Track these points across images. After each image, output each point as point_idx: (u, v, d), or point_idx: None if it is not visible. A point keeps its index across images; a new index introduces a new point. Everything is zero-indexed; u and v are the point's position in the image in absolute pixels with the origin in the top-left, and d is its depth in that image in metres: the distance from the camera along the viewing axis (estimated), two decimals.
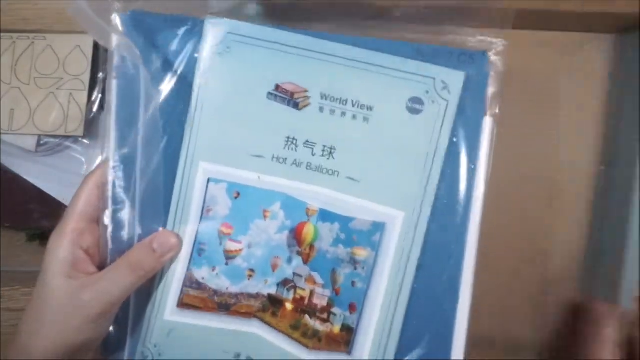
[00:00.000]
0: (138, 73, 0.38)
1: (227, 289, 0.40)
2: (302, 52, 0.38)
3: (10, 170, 0.50)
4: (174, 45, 0.39)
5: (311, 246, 0.39)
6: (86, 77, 0.50)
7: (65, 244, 0.36)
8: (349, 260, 0.39)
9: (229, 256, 0.40)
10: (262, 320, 0.40)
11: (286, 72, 0.38)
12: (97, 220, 0.38)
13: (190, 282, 0.39)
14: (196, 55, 0.39)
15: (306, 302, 0.40)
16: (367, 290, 0.39)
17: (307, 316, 0.40)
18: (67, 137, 0.50)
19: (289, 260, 0.40)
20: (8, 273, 0.52)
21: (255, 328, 0.40)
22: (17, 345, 0.36)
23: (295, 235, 0.39)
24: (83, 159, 0.50)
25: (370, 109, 0.38)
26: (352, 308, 0.39)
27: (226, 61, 0.38)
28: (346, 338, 0.39)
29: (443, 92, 0.38)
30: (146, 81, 0.39)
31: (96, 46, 0.51)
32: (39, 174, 0.50)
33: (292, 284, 0.40)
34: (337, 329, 0.39)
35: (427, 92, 0.38)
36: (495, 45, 0.39)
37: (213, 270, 0.40)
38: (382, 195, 0.38)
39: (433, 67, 0.38)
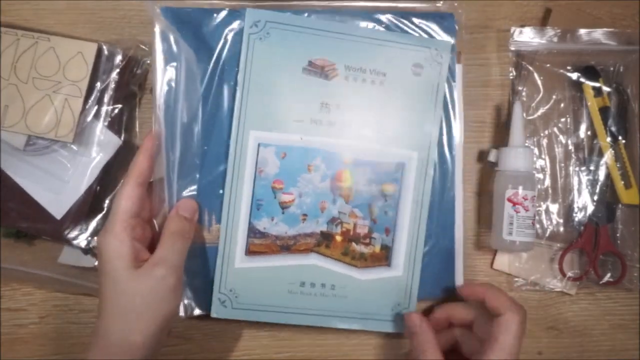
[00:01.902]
0: (180, 56, 0.47)
1: (286, 233, 0.49)
2: (328, 34, 0.49)
3: None
4: (212, 32, 0.49)
5: (350, 188, 0.49)
6: (84, 85, 0.50)
7: (122, 241, 0.41)
8: (380, 195, 0.50)
9: (284, 206, 0.49)
10: (318, 252, 0.49)
11: (316, 50, 0.48)
12: (140, 215, 0.44)
13: (254, 233, 0.48)
14: (229, 38, 0.49)
15: (351, 232, 0.50)
16: (396, 217, 0.50)
17: (353, 243, 0.50)
18: (56, 141, 0.50)
19: (334, 202, 0.50)
20: (8, 273, 0.52)
21: (313, 260, 0.49)
22: (109, 346, 0.40)
23: (336, 181, 0.49)
24: (69, 165, 0.50)
25: (384, 74, 0.49)
26: (387, 231, 0.50)
27: (266, 45, 0.48)
28: (385, 255, 0.50)
29: (437, 57, 0.50)
30: (188, 62, 0.48)
31: (98, 55, 0.51)
32: (24, 173, 0.50)
33: (339, 220, 0.50)
34: (377, 249, 0.50)
35: (426, 58, 0.50)
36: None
37: (272, 220, 0.49)
38: (400, 140, 0.50)
39: (429, 39, 0.50)
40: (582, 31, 0.54)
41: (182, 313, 0.49)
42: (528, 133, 0.55)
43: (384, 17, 0.51)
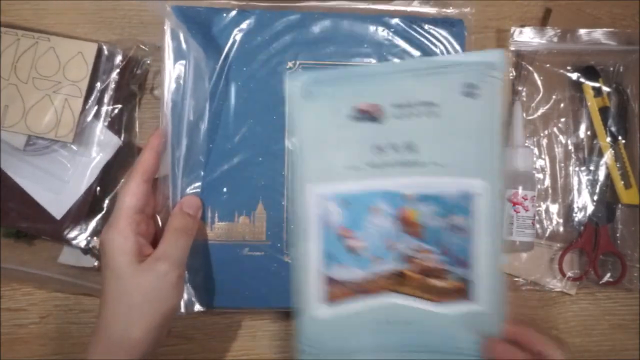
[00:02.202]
0: (189, 54, 0.47)
1: (360, 277, 0.47)
2: (366, 77, 0.47)
3: None
4: (221, 31, 0.49)
5: (416, 224, 0.47)
6: (84, 85, 0.50)
7: (126, 237, 0.42)
8: (449, 227, 0.47)
9: (354, 251, 0.47)
10: (395, 290, 0.48)
11: (359, 95, 0.46)
12: (144, 211, 0.44)
13: (330, 282, 0.47)
14: (237, 38, 0.49)
15: (424, 267, 0.47)
16: (470, 248, 0.46)
17: (427, 278, 0.47)
18: (56, 141, 0.50)
19: (402, 240, 0.47)
20: (8, 273, 0.52)
21: (390, 298, 0.47)
22: (109, 341, 0.40)
23: (401, 219, 0.47)
24: (69, 165, 0.50)
25: (434, 104, 0.46)
26: (462, 264, 0.47)
27: (310, 101, 0.47)
28: (463, 288, 0.47)
29: (491, 72, 0.45)
30: (197, 60, 0.48)
31: (98, 55, 0.51)
32: (24, 173, 0.50)
33: (410, 257, 0.48)
34: (454, 282, 0.47)
35: (478, 75, 0.45)
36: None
37: (345, 267, 0.47)
38: (464, 169, 0.46)
39: (475, 52, 0.48)
40: (582, 31, 0.54)
41: (182, 310, 0.48)
42: (528, 133, 0.55)
43: (392, 21, 0.50)
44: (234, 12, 0.49)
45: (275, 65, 0.50)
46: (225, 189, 0.49)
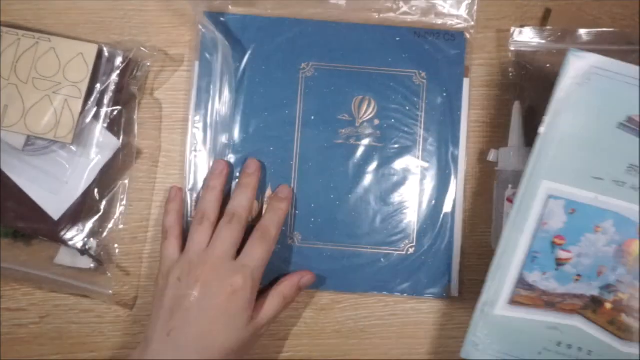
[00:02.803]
0: (218, 58, 0.52)
1: (554, 290, 0.46)
2: None
3: None
4: (244, 34, 0.55)
5: (636, 259, 0.44)
6: (84, 86, 0.50)
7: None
8: None
9: (560, 263, 0.45)
10: (584, 315, 0.46)
11: (636, 103, 0.42)
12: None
13: (522, 284, 0.45)
14: (257, 41, 0.54)
15: (624, 303, 0.45)
16: None
17: (623, 315, 0.45)
18: (55, 142, 0.50)
19: (614, 269, 0.45)
20: (7, 273, 0.52)
21: (576, 322, 0.46)
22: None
23: (624, 249, 0.44)
24: (67, 166, 0.50)
25: None
26: None
27: (584, 91, 0.43)
28: None
29: None
30: (225, 57, 0.52)
31: (99, 56, 0.51)
32: (22, 173, 0.50)
33: (614, 288, 0.45)
34: None
35: None
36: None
37: (544, 274, 0.45)
38: None
39: None
40: (582, 31, 0.54)
41: None
42: None
43: (399, 31, 0.54)
44: (256, 19, 0.54)
45: (290, 66, 0.54)
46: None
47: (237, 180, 0.53)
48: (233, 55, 0.54)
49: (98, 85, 0.51)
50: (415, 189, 0.54)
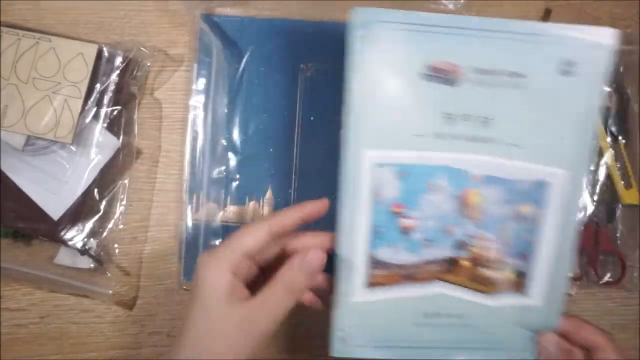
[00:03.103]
0: (213, 59, 0.53)
1: (408, 261, 0.43)
2: (451, 31, 0.40)
3: None
4: (243, 36, 0.55)
5: (479, 209, 0.42)
6: (83, 86, 0.50)
7: (225, 274, 0.38)
8: (515, 217, 0.42)
9: (405, 232, 0.42)
10: (444, 279, 0.43)
11: (437, 51, 0.40)
12: (252, 258, 0.40)
13: (375, 263, 0.42)
14: (256, 43, 0.54)
15: (480, 257, 0.43)
16: (535, 242, 0.42)
17: (482, 268, 0.43)
18: (54, 142, 0.50)
19: (461, 225, 0.43)
20: (7, 273, 0.52)
21: (438, 288, 0.43)
22: None
23: (463, 201, 0.42)
24: (67, 165, 0.51)
25: (523, 76, 0.40)
26: (522, 257, 0.43)
27: (376, 48, 0.40)
28: (519, 281, 0.43)
29: (594, 52, 0.39)
30: (220, 65, 0.53)
31: (99, 56, 0.51)
32: (22, 173, 0.50)
33: (466, 244, 0.43)
34: (510, 274, 0.43)
35: (579, 53, 0.39)
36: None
37: (393, 248, 0.42)
38: (544, 156, 0.41)
39: (580, 27, 0.39)
40: None
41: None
42: None
43: None
44: (254, 20, 0.54)
45: (289, 67, 0.54)
46: (238, 176, 0.54)
47: (235, 181, 0.53)
48: (231, 57, 0.54)
49: (98, 85, 0.51)
50: None
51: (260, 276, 0.42)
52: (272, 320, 0.38)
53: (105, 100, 0.51)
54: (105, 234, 0.52)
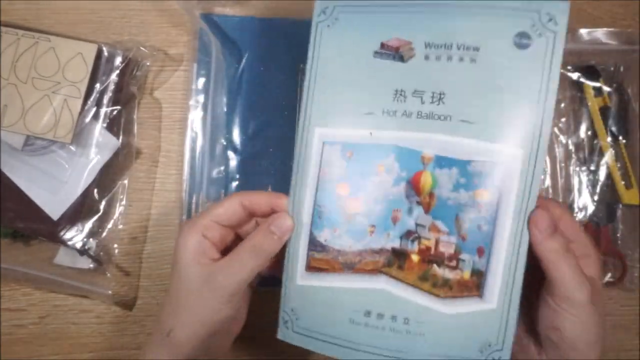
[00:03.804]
0: (212, 58, 0.53)
1: (350, 247, 0.39)
2: (404, 9, 0.39)
3: None
4: (243, 36, 0.55)
5: (430, 194, 0.38)
6: (83, 86, 0.50)
7: (195, 236, 0.39)
8: (471, 204, 0.38)
9: (348, 215, 0.39)
10: (389, 274, 0.39)
11: (389, 29, 0.39)
12: (231, 228, 0.42)
13: (314, 245, 0.40)
14: (255, 43, 0.55)
15: (432, 251, 0.38)
16: (493, 233, 0.37)
17: (435, 266, 0.38)
18: (54, 141, 0.50)
19: (410, 211, 0.39)
20: (6, 273, 0.52)
21: (382, 283, 0.39)
22: (160, 330, 0.40)
23: (413, 185, 0.39)
24: (67, 165, 0.50)
25: (476, 49, 0.37)
26: (480, 252, 0.38)
27: (334, 31, 0.40)
28: (477, 282, 0.38)
29: (549, 24, 0.36)
30: (219, 61, 0.53)
31: (98, 56, 0.51)
32: (22, 173, 0.50)
33: (416, 234, 0.39)
34: (467, 274, 0.38)
35: (534, 25, 0.36)
36: None
37: (335, 231, 0.40)
38: (499, 134, 0.37)
39: (535, 0, 0.37)
40: (583, 31, 0.54)
41: None
42: None
43: None
44: (253, 20, 0.55)
45: (289, 67, 0.54)
46: (237, 175, 0.54)
47: (235, 181, 0.53)
48: (231, 56, 0.54)
49: (97, 85, 0.51)
50: None
51: None
52: (236, 280, 0.38)
53: (105, 100, 0.51)
54: (104, 234, 0.52)
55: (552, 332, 0.37)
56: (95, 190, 0.51)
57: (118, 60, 0.52)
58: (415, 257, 0.39)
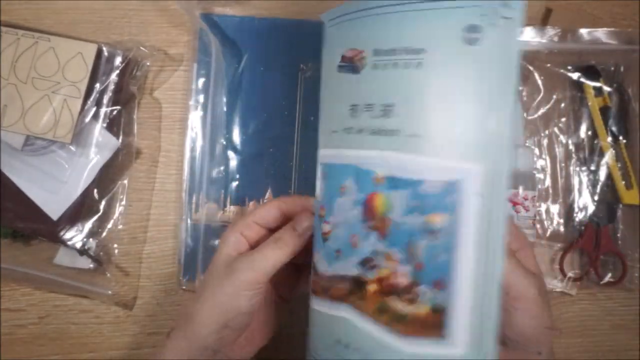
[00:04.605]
0: (212, 58, 0.53)
1: (325, 271, 0.37)
2: (357, 15, 0.35)
3: None
4: (243, 35, 0.55)
5: (384, 218, 0.34)
6: (83, 85, 0.50)
7: (234, 233, 0.41)
8: (425, 229, 0.32)
9: (324, 238, 0.37)
10: (352, 304, 0.35)
11: (347, 40, 0.36)
12: (263, 227, 0.43)
13: (312, 268, 0.39)
14: (256, 42, 0.55)
15: (389, 282, 0.33)
16: (452, 262, 0.32)
17: (393, 298, 0.33)
18: (54, 141, 0.50)
19: (366, 237, 0.34)
20: (6, 273, 0.52)
21: (344, 312, 0.35)
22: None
23: (367, 208, 0.34)
24: (67, 165, 0.50)
25: (420, 52, 0.32)
26: (438, 285, 0.32)
27: (325, 50, 0.39)
28: (438, 320, 0.32)
29: (503, 10, 0.31)
30: (222, 66, 0.53)
31: (98, 56, 0.51)
32: (22, 173, 0.50)
33: (373, 262, 0.34)
34: (425, 309, 0.32)
35: (483, 14, 0.31)
36: None
37: (317, 253, 0.38)
38: (451, 148, 0.32)
39: None
40: (583, 31, 0.54)
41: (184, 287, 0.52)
42: (528, 133, 0.55)
43: None
44: (253, 20, 0.55)
45: (289, 67, 0.55)
46: (237, 175, 0.54)
47: (235, 181, 0.53)
48: (231, 56, 0.54)
49: (97, 85, 0.51)
50: None
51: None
52: (253, 268, 0.39)
53: (105, 100, 0.51)
54: (104, 234, 0.52)
55: (510, 330, 0.36)
56: (95, 190, 0.51)
57: (118, 60, 0.52)
58: (372, 287, 0.34)
